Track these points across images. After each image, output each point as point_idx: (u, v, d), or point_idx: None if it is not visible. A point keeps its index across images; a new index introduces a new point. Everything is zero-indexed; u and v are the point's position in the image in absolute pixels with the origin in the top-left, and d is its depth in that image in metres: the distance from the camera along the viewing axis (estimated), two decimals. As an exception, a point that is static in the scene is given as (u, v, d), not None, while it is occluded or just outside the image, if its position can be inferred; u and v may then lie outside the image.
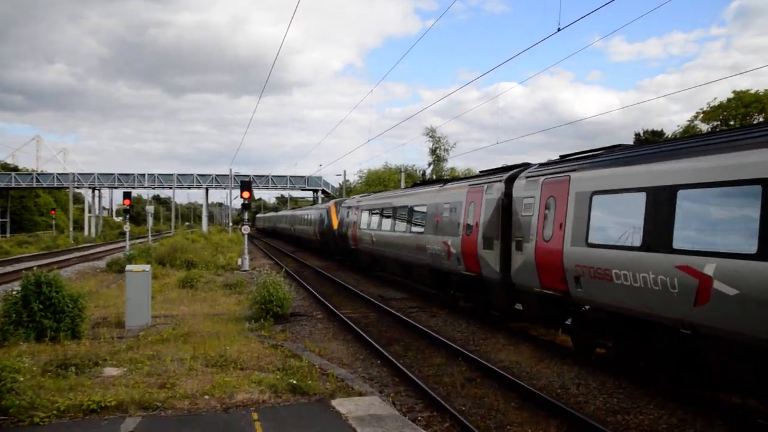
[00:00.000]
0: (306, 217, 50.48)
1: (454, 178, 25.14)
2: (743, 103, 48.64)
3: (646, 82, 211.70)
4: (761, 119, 46.29)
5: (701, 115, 52.16)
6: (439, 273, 19.39)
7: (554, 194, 12.49)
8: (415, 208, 22.18)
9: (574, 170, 12.07)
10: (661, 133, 55.40)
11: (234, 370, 10.59)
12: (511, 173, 15.01)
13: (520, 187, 14.11)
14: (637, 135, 58.44)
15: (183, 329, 13.90)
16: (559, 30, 13.46)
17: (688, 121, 54.43)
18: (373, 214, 27.82)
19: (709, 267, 8.20)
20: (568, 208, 11.86)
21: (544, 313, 13.70)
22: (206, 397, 9.01)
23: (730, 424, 8.57)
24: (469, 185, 17.29)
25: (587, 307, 12.02)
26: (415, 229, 21.76)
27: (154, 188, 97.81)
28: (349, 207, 33.23)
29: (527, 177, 13.99)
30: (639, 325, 10.28)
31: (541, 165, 14.14)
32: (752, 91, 49.17)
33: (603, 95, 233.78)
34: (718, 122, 49.83)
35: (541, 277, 12.85)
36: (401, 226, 23.52)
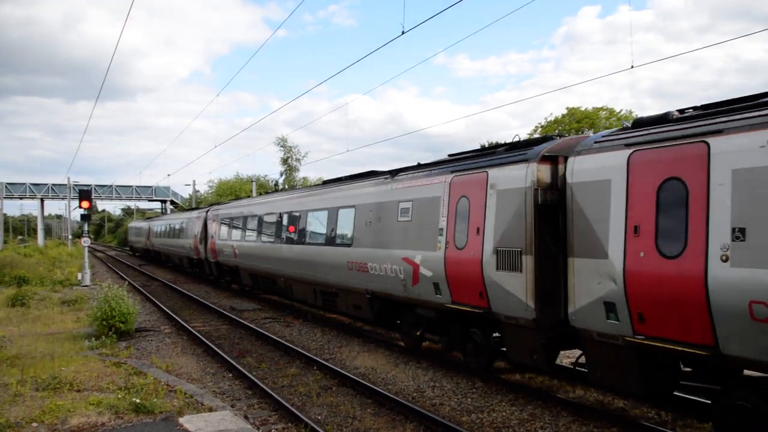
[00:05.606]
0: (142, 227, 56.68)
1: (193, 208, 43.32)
2: (575, 119, 52.78)
3: (488, 98, 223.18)
4: (591, 133, 50.40)
5: (540, 129, 55.85)
6: (189, 259, 34.07)
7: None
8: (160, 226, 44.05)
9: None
10: (504, 144, 58.51)
11: (69, 392, 9.74)
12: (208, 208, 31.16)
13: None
14: (483, 146, 61.63)
15: (9, 351, 12.64)
16: (403, 33, 13.67)
17: (528, 134, 58.07)
18: (157, 227, 46.58)
19: (418, 257, 11.92)
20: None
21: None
22: (34, 424, 8.13)
23: (574, 413, 9.06)
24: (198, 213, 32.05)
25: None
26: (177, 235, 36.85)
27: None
28: (151, 221, 51.10)
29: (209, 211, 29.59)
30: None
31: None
32: (582, 109, 53.71)
33: (449, 109, 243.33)
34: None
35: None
36: (167, 233, 41.03)
